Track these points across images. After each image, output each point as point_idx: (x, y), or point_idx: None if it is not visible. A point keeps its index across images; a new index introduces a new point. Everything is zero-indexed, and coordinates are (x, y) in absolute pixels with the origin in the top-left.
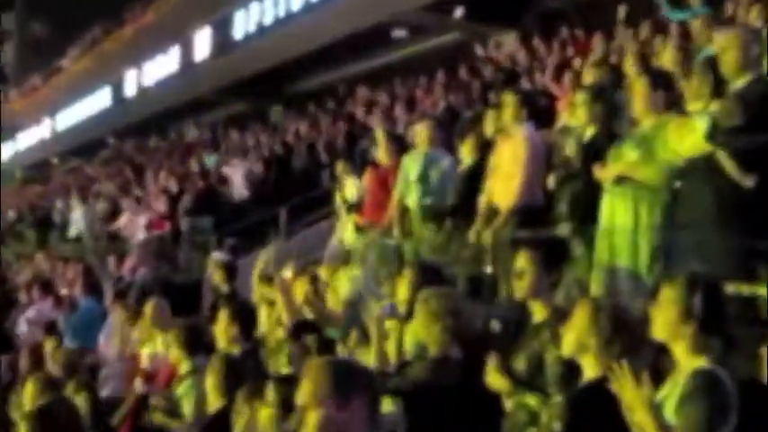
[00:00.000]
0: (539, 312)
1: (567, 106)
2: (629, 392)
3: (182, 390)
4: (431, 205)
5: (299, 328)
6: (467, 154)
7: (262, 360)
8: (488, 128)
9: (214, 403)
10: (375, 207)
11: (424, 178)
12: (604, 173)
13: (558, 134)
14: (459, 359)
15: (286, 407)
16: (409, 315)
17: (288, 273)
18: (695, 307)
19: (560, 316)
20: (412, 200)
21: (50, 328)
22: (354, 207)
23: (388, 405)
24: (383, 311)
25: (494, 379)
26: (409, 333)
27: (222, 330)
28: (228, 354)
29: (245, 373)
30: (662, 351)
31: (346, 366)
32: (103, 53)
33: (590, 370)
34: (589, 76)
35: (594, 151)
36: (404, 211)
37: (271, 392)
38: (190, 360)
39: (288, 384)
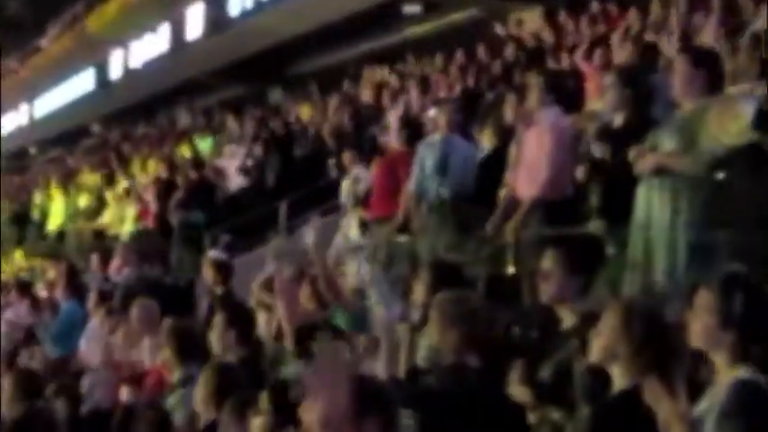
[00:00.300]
0: (567, 318)
1: (596, 88)
2: (665, 406)
3: (173, 400)
4: (449, 198)
5: (304, 334)
6: (486, 141)
7: (261, 367)
8: (508, 113)
9: (205, 417)
10: (383, 200)
11: (442, 168)
12: (639, 164)
13: (585, 119)
14: (478, 367)
15: (281, 415)
16: (425, 319)
17: (287, 273)
18: (735, 312)
19: (590, 322)
20: (428, 192)
21: (28, 334)
22: (361, 200)
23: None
24: (391, 315)
25: (517, 390)
26: (424, 338)
27: (218, 336)
28: (221, 363)
29: (240, 383)
30: (701, 360)
31: (359, 384)
32: (86, 32)
33: (620, 380)
34: (621, 55)
35: (626, 139)
36: (418, 204)
37: (264, 400)
38: (182, 367)
39: (284, 391)
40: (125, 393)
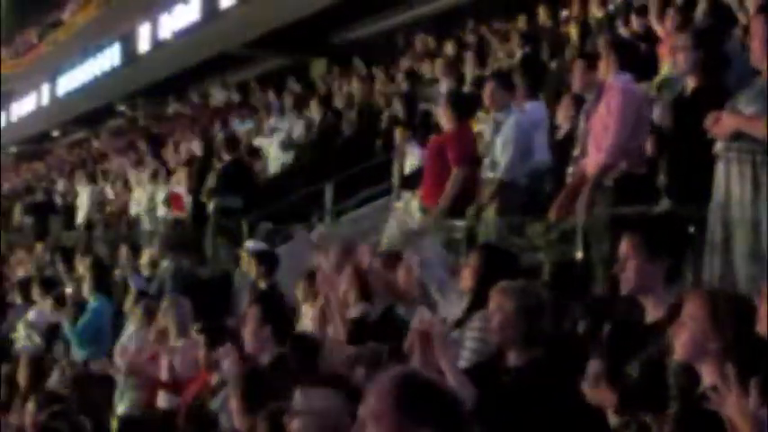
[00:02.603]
0: (652, 310)
1: (668, 52)
2: (733, 405)
3: (217, 404)
4: (496, 179)
5: (359, 331)
6: (562, 118)
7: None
8: (576, 81)
9: (240, 425)
10: (432, 184)
11: (489, 147)
12: (715, 128)
13: (654, 87)
14: (544, 367)
15: None
16: (472, 309)
17: (329, 264)
18: None
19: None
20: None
21: (53, 334)
22: (409, 181)
23: None
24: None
25: (595, 393)
26: (472, 331)
27: (251, 331)
28: (251, 369)
29: (272, 390)
30: None
31: (421, 385)
32: (111, 2)
33: (710, 377)
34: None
35: (697, 107)
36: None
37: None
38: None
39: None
40: (163, 399)
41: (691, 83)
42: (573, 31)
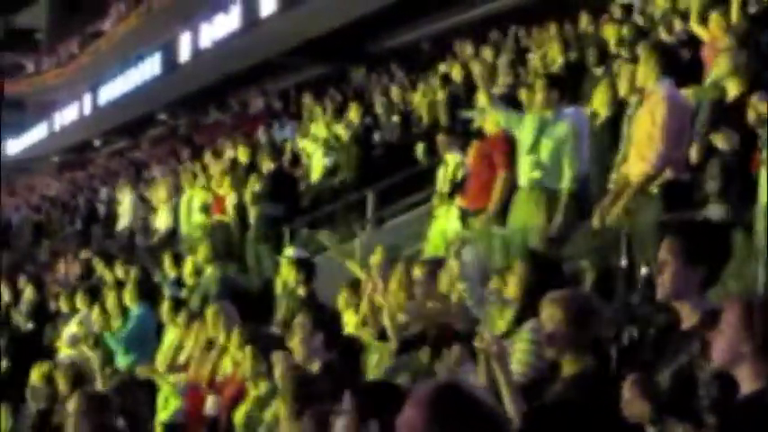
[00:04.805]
0: (687, 316)
1: (713, 56)
2: None
3: (269, 415)
4: (541, 181)
5: (408, 345)
6: (600, 109)
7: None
8: (624, 85)
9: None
10: (478, 188)
11: (534, 147)
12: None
13: (703, 92)
14: (599, 375)
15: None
16: (520, 319)
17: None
18: None
19: (713, 321)
20: (522, 175)
21: (98, 342)
22: (456, 188)
23: None
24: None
25: (633, 404)
26: (520, 342)
27: (301, 340)
28: (299, 374)
29: (321, 394)
30: None
31: (459, 397)
32: (152, 12)
33: (748, 383)
34: (738, 18)
35: (743, 109)
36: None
37: (347, 400)
38: (268, 378)
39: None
40: (210, 404)
41: (732, 85)
42: (612, 37)
